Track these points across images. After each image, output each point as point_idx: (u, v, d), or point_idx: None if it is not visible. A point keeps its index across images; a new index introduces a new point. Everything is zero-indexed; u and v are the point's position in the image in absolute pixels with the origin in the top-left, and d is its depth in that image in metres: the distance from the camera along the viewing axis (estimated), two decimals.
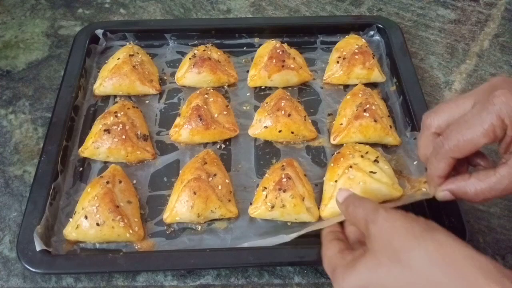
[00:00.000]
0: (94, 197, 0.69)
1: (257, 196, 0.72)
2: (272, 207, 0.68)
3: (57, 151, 0.76)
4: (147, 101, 0.88)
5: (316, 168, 0.79)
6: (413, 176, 0.76)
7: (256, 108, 0.87)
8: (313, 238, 0.67)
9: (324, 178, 0.76)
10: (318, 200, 0.75)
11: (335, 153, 0.78)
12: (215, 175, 0.74)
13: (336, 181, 0.72)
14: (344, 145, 0.79)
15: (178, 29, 0.98)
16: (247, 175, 0.78)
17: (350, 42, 0.93)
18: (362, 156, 0.73)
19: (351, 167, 0.71)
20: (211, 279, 0.68)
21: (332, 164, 0.75)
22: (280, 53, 0.89)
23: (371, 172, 0.71)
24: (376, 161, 0.73)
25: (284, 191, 0.69)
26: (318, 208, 0.73)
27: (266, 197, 0.69)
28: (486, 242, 0.73)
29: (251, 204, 0.72)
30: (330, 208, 0.71)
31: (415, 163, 0.77)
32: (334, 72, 0.91)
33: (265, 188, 0.70)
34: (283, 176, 0.70)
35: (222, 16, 1.08)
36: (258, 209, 0.70)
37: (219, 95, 0.86)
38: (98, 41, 0.96)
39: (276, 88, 0.89)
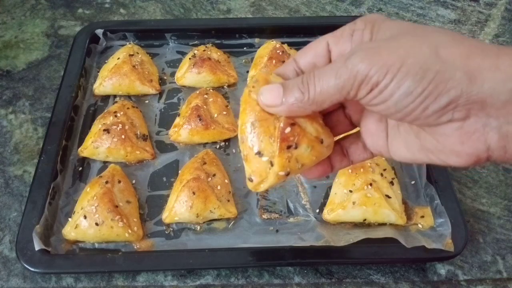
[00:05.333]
0: (93, 197, 0.69)
1: (251, 165, 0.44)
2: (288, 174, 0.42)
3: (57, 151, 0.76)
4: (146, 101, 0.88)
5: None
6: (409, 202, 0.74)
7: None
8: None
9: (334, 180, 0.75)
10: (317, 202, 0.75)
11: None
12: (214, 175, 0.73)
13: (351, 191, 0.71)
14: None
15: (178, 29, 0.98)
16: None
17: None
18: (381, 174, 0.73)
19: (371, 184, 0.71)
20: (211, 279, 0.68)
21: (350, 171, 0.74)
22: (280, 53, 0.89)
23: (387, 196, 0.71)
24: (391, 183, 0.73)
25: (296, 147, 0.43)
26: (319, 212, 0.73)
27: (271, 164, 0.43)
28: (486, 242, 0.72)
29: (250, 180, 0.44)
30: (337, 215, 0.71)
31: (412, 182, 0.77)
32: None
33: (260, 152, 0.43)
34: (283, 124, 0.56)
35: (222, 16, 1.08)
36: (266, 182, 0.44)
37: (218, 95, 0.86)
38: (98, 41, 0.96)
39: None
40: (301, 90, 0.39)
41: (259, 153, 0.42)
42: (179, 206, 0.70)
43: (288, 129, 0.41)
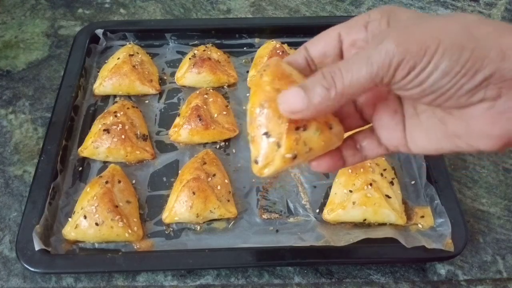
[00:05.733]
0: (93, 197, 0.69)
1: (257, 146, 0.43)
2: (295, 157, 0.41)
3: (57, 151, 0.76)
4: (146, 101, 0.88)
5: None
6: (409, 202, 0.74)
7: None
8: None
9: (334, 180, 0.75)
10: (317, 202, 0.75)
11: None
12: (214, 175, 0.73)
13: (351, 191, 0.71)
14: None
15: (178, 29, 0.98)
16: (246, 175, 0.78)
17: None
18: (381, 174, 0.73)
19: (371, 184, 0.71)
20: (211, 279, 0.68)
21: (350, 170, 0.74)
22: (280, 53, 0.89)
23: (387, 196, 0.71)
24: (391, 183, 0.73)
25: (305, 128, 0.41)
26: (319, 212, 0.73)
27: (278, 145, 0.41)
28: (486, 242, 0.72)
29: (256, 162, 0.42)
30: (336, 215, 0.71)
31: (412, 182, 0.77)
32: None
33: (268, 133, 0.41)
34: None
35: (222, 16, 1.08)
36: (272, 165, 0.42)
37: (218, 95, 0.86)
38: (98, 41, 0.96)
39: None
40: (325, 87, 0.36)
41: (266, 134, 0.40)
42: (179, 206, 0.70)
43: None
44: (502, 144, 0.37)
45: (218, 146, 0.82)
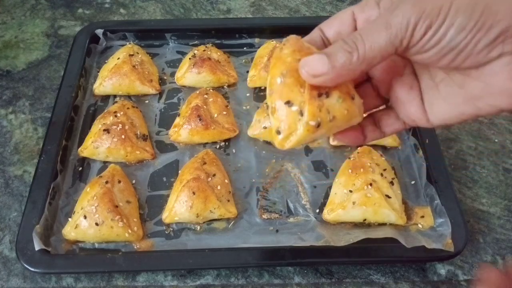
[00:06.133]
0: (93, 197, 0.69)
1: (279, 117, 0.41)
2: (319, 125, 0.39)
3: (57, 151, 0.76)
4: (146, 101, 0.88)
5: (316, 169, 0.79)
6: (409, 202, 0.74)
7: (255, 108, 0.87)
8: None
9: (334, 180, 0.75)
10: (317, 202, 0.75)
11: (351, 156, 0.77)
12: (214, 175, 0.74)
13: (351, 191, 0.71)
14: (360, 148, 0.78)
15: (178, 29, 0.98)
16: (246, 175, 0.78)
17: None
18: (381, 174, 0.73)
19: (371, 184, 0.71)
20: (211, 279, 0.68)
21: (350, 171, 0.74)
22: None
23: (387, 196, 0.71)
24: (391, 183, 0.73)
25: (327, 96, 0.40)
26: (319, 212, 0.73)
27: (301, 114, 0.40)
28: (486, 242, 0.72)
29: (278, 133, 0.41)
30: (336, 215, 0.71)
31: (412, 182, 0.77)
32: None
33: (290, 102, 0.40)
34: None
35: (222, 16, 1.08)
36: (295, 135, 0.40)
37: (218, 95, 0.86)
38: (98, 41, 0.97)
39: None
40: (348, 51, 0.37)
41: (288, 103, 0.39)
42: (179, 206, 0.70)
43: None
44: None
45: (218, 146, 0.82)
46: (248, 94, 0.90)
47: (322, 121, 0.39)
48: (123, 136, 0.77)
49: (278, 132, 0.40)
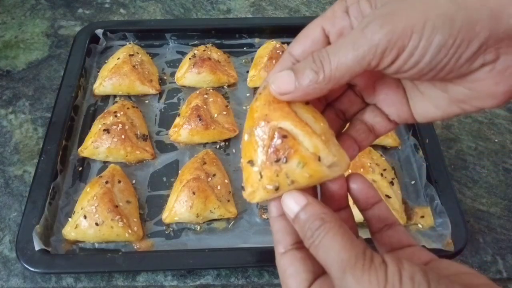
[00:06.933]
0: (93, 197, 0.69)
1: (245, 173, 0.41)
2: (277, 188, 0.38)
3: (57, 151, 0.76)
4: (146, 101, 0.88)
5: None
6: (409, 202, 0.74)
7: None
8: None
9: None
10: None
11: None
12: (214, 175, 0.74)
13: None
14: None
15: (178, 29, 0.98)
16: None
17: None
18: (381, 174, 0.73)
19: None
20: (211, 279, 0.68)
21: (350, 171, 0.74)
22: (280, 53, 0.89)
23: (387, 196, 0.71)
24: (391, 183, 0.73)
25: (286, 161, 0.38)
26: None
27: (260, 176, 0.39)
28: (486, 242, 0.72)
29: (242, 188, 0.41)
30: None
31: (412, 182, 0.77)
32: None
33: (252, 161, 0.39)
34: (276, 135, 0.39)
35: (222, 16, 1.08)
36: (257, 194, 0.40)
37: (218, 95, 0.86)
38: (98, 41, 0.97)
39: None
40: (314, 70, 0.36)
41: (251, 162, 0.39)
42: (179, 206, 0.70)
43: (278, 141, 0.37)
44: (507, 99, 0.37)
45: (218, 146, 0.82)
46: (248, 94, 0.90)
47: (280, 185, 0.38)
48: (123, 136, 0.77)
49: (243, 188, 0.40)
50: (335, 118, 0.44)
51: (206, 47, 0.93)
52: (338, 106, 0.44)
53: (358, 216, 0.72)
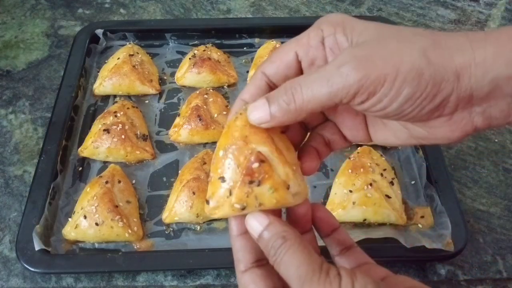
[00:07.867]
0: (93, 197, 0.69)
1: (212, 188, 0.41)
2: (243, 208, 0.39)
3: (57, 151, 0.76)
4: (146, 101, 0.88)
5: None
6: (409, 202, 0.74)
7: None
8: None
9: (334, 180, 0.75)
10: (317, 202, 0.75)
11: (351, 156, 0.77)
12: None
13: (351, 191, 0.71)
14: (360, 148, 0.78)
15: (178, 29, 0.98)
16: None
17: None
18: (381, 174, 0.73)
19: (371, 184, 0.71)
20: (211, 279, 0.68)
21: (350, 171, 0.73)
22: None
23: (387, 196, 0.71)
24: (391, 183, 0.73)
25: (259, 184, 0.39)
26: None
27: (230, 193, 0.40)
28: (486, 242, 0.72)
29: (207, 201, 0.41)
30: (336, 215, 0.71)
31: (412, 182, 0.77)
32: None
33: (223, 178, 0.40)
34: (254, 158, 0.40)
35: (222, 16, 1.08)
36: (221, 210, 0.41)
37: (218, 95, 0.86)
38: (98, 41, 0.97)
39: None
40: (285, 102, 0.38)
41: (222, 179, 0.40)
42: (179, 206, 0.70)
43: (256, 164, 0.39)
44: (461, 140, 0.41)
45: None
46: None
47: (248, 206, 0.39)
48: (123, 136, 0.77)
49: (207, 202, 0.41)
50: (298, 128, 0.46)
51: (206, 47, 0.93)
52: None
53: (357, 216, 0.72)
